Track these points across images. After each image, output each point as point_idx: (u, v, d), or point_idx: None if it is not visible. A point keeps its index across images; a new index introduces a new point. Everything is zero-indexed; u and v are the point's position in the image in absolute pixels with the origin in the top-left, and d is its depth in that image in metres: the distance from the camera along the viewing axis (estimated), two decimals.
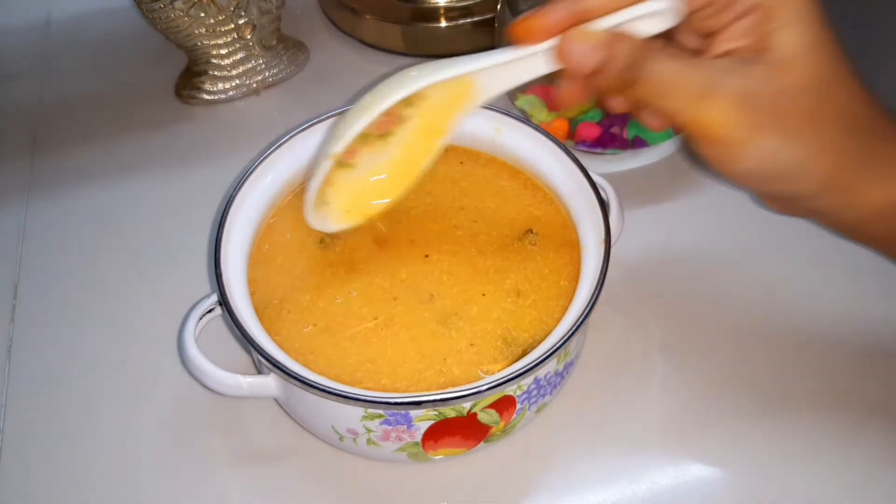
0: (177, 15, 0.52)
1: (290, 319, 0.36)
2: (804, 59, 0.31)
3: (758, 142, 0.31)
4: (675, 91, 0.31)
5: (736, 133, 0.30)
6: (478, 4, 0.57)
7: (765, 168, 0.31)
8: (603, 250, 0.36)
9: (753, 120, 0.30)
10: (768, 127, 0.31)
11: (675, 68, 0.31)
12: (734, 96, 0.30)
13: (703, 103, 0.30)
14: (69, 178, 0.52)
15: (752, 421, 0.39)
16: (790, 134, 0.31)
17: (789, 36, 0.31)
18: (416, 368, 0.35)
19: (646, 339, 0.42)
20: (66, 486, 0.38)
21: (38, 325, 0.44)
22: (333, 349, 0.35)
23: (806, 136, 0.31)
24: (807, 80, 0.31)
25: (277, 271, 0.38)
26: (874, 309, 0.43)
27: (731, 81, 0.30)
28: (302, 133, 0.41)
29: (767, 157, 0.31)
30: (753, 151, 0.31)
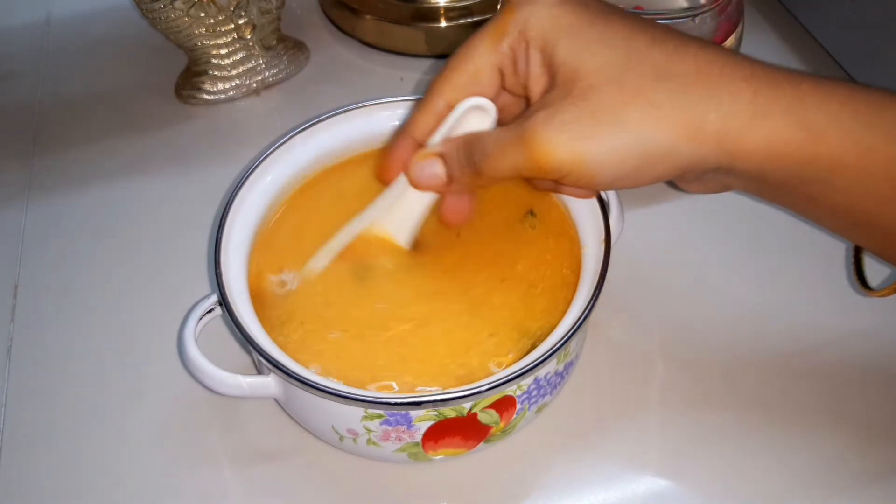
0: (177, 15, 0.52)
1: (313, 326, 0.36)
2: (587, 59, 0.31)
3: (595, 149, 0.30)
4: (505, 153, 0.32)
5: (564, 154, 0.31)
6: (478, 4, 0.57)
7: (619, 166, 0.31)
8: (603, 250, 0.36)
9: (575, 132, 0.31)
10: (593, 132, 0.31)
11: (496, 137, 0.33)
12: (544, 123, 0.31)
13: (527, 148, 0.31)
14: (69, 178, 0.52)
15: (753, 421, 0.39)
16: (617, 123, 0.30)
17: (564, 48, 0.32)
18: (442, 363, 0.35)
19: (646, 339, 0.42)
20: (66, 486, 0.38)
21: (38, 325, 0.44)
22: (363, 352, 0.35)
23: (633, 116, 0.30)
24: (600, 72, 0.31)
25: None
26: (875, 309, 0.43)
27: (538, 114, 0.31)
28: (302, 133, 0.41)
29: (612, 156, 0.31)
30: (594, 159, 0.31)
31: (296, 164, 0.41)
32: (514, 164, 0.32)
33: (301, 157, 0.41)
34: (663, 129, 0.30)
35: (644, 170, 0.31)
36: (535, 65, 0.33)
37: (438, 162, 0.35)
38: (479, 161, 0.33)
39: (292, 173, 0.41)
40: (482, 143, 0.33)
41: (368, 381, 0.34)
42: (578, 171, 0.31)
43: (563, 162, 0.31)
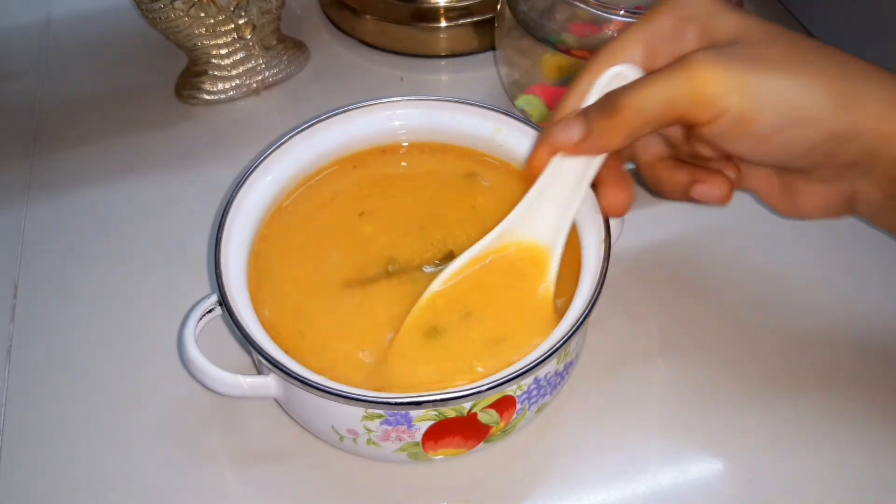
0: (177, 15, 0.52)
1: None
2: (747, 28, 0.31)
3: (758, 82, 0.30)
4: (653, 83, 0.31)
5: (732, 80, 0.30)
6: (478, 4, 0.57)
7: (783, 113, 0.30)
8: (603, 250, 0.36)
9: (740, 64, 0.30)
10: (759, 68, 0.30)
11: (640, 79, 0.32)
12: (709, 52, 0.30)
13: (684, 73, 0.30)
14: (69, 178, 0.52)
15: (753, 420, 0.39)
16: (784, 71, 0.30)
17: (721, 23, 0.32)
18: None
19: (646, 338, 0.42)
20: (66, 486, 0.38)
21: (38, 325, 0.44)
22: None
23: (801, 71, 0.30)
24: (765, 34, 0.31)
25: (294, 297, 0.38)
26: (874, 306, 0.43)
27: (702, 50, 0.31)
28: (302, 133, 0.41)
29: (778, 98, 0.30)
30: (761, 94, 0.30)
31: (296, 164, 0.41)
32: (665, 93, 0.30)
33: (301, 157, 0.41)
34: (826, 91, 0.30)
35: (802, 129, 0.30)
36: (692, 36, 0.32)
37: (577, 119, 0.33)
38: (618, 98, 0.31)
39: (292, 173, 0.41)
40: (621, 89, 0.32)
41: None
42: (739, 110, 0.30)
43: (728, 89, 0.29)
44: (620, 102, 0.31)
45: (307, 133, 0.41)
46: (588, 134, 0.33)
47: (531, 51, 0.49)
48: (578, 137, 0.33)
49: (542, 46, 0.48)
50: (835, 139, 0.31)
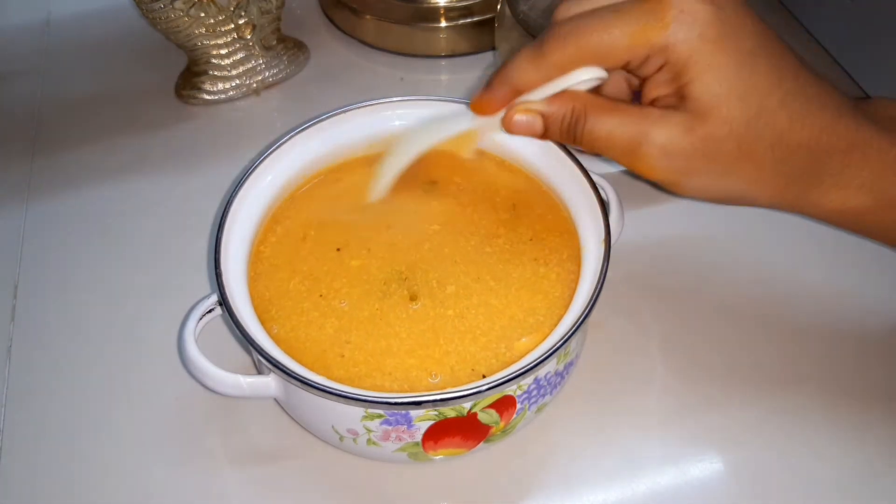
0: (177, 15, 0.52)
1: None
2: (720, 108, 0.32)
3: (692, 181, 0.34)
4: (611, 146, 0.34)
5: (669, 177, 0.34)
6: (478, 4, 0.57)
7: (707, 196, 0.35)
8: (603, 250, 0.36)
9: (682, 166, 0.33)
10: (697, 171, 0.34)
11: (607, 127, 0.34)
12: (660, 149, 0.33)
13: (634, 156, 0.34)
14: (69, 178, 0.52)
15: (753, 420, 0.39)
16: (722, 172, 0.34)
17: (703, 86, 0.32)
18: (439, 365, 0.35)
19: (646, 338, 0.42)
20: (66, 486, 0.38)
21: (38, 325, 0.44)
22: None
23: (737, 172, 0.34)
24: (726, 126, 0.33)
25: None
26: (875, 306, 0.43)
27: (656, 133, 0.33)
28: (302, 133, 0.41)
29: (706, 190, 0.35)
30: (690, 188, 0.35)
31: (296, 164, 0.41)
32: (616, 156, 0.35)
33: (301, 157, 0.41)
34: (757, 189, 0.34)
35: (721, 201, 0.36)
36: (666, 77, 0.33)
37: (539, 120, 0.35)
38: (583, 138, 0.35)
39: (292, 173, 0.41)
40: (592, 125, 0.34)
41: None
42: (669, 187, 0.35)
43: (663, 181, 0.35)
44: (581, 139, 0.35)
45: (307, 133, 0.41)
46: (544, 137, 0.36)
47: None
48: (534, 134, 0.36)
49: None
50: (751, 206, 0.36)
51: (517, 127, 0.36)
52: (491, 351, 0.35)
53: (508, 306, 0.37)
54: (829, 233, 0.46)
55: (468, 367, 0.35)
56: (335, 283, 0.38)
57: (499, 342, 0.35)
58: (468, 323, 0.36)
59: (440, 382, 0.34)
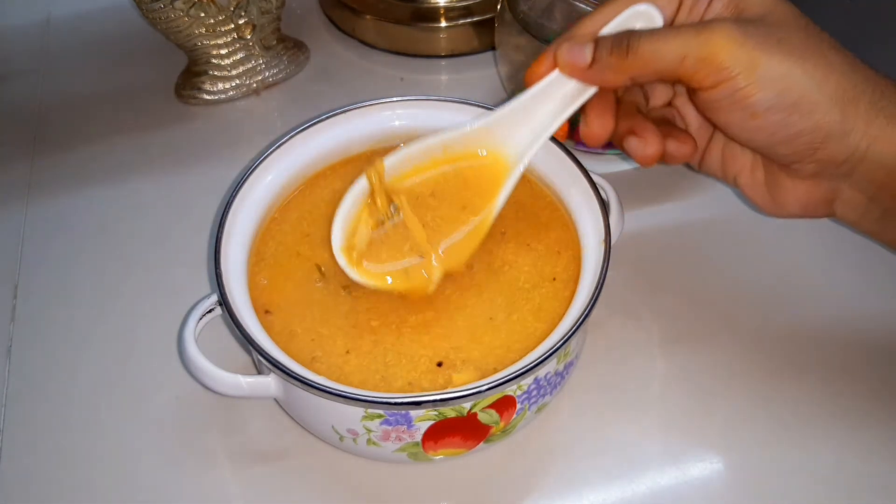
0: (177, 15, 0.52)
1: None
2: (776, 7, 0.32)
3: (766, 62, 0.31)
4: (672, 37, 0.32)
5: (742, 54, 0.31)
6: (478, 4, 0.57)
7: (779, 95, 0.31)
8: (603, 250, 0.36)
9: (755, 41, 0.31)
10: (772, 49, 0.31)
11: (663, 33, 0.32)
12: (731, 23, 0.31)
13: (702, 35, 0.31)
14: (69, 178, 0.52)
15: (753, 420, 0.39)
16: (795, 57, 0.31)
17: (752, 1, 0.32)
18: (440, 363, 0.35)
19: (646, 338, 0.42)
20: (66, 486, 0.38)
21: (38, 325, 0.44)
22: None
23: (809, 61, 0.31)
24: (790, 20, 0.32)
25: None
26: (874, 306, 0.43)
27: (724, 19, 0.32)
28: (302, 133, 0.41)
29: (779, 80, 0.31)
30: (765, 73, 0.31)
31: (296, 164, 0.41)
32: (680, 49, 0.31)
33: (301, 157, 0.41)
34: (829, 85, 0.31)
35: (792, 114, 0.32)
36: (720, 3, 0.33)
37: (589, 45, 0.33)
38: (636, 40, 0.32)
39: (292, 173, 0.41)
40: (644, 31, 0.33)
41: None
42: (742, 80, 0.31)
43: (737, 61, 0.31)
44: (636, 45, 0.32)
45: (307, 133, 0.41)
46: (595, 63, 0.33)
47: (531, 50, 0.49)
48: (585, 63, 0.33)
49: (542, 46, 0.48)
50: (822, 131, 0.32)
51: (566, 56, 0.33)
52: (491, 350, 0.35)
53: (509, 306, 0.37)
54: (830, 233, 0.46)
55: (468, 367, 0.35)
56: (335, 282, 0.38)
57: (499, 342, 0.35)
58: (469, 323, 0.36)
59: (441, 382, 0.34)
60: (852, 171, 0.33)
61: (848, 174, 0.33)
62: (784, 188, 0.35)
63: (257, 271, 0.38)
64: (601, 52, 0.33)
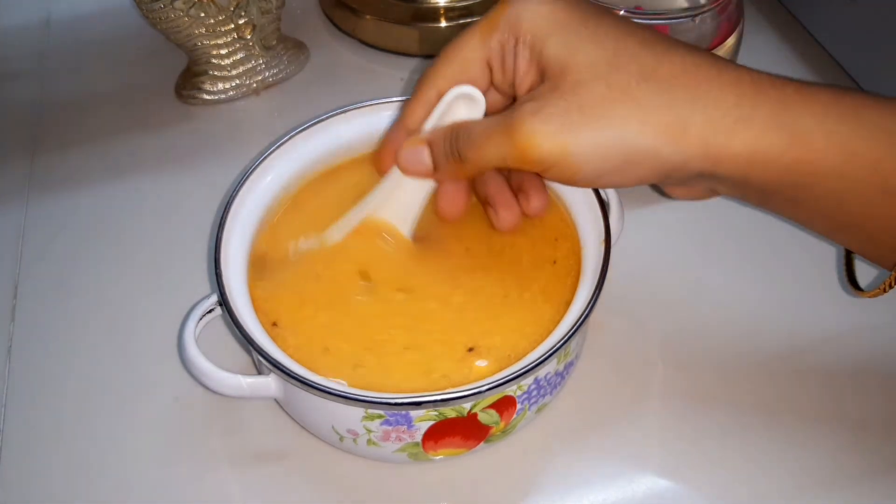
0: (177, 15, 0.52)
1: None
2: (577, 55, 0.32)
3: (575, 142, 0.31)
4: (488, 140, 0.33)
5: (551, 145, 0.31)
6: (478, 4, 0.57)
7: (603, 161, 0.31)
8: (603, 250, 0.36)
9: (557, 126, 0.31)
10: (576, 124, 0.31)
11: (481, 125, 0.34)
12: (530, 116, 0.31)
13: (510, 138, 0.32)
14: (69, 178, 0.52)
15: (753, 420, 0.39)
16: (603, 121, 0.31)
17: (554, 44, 0.32)
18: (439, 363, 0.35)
19: (646, 339, 0.42)
20: (66, 486, 0.38)
21: (38, 325, 0.44)
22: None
23: (619, 114, 0.31)
24: (589, 69, 0.31)
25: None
26: (876, 311, 0.43)
27: (526, 104, 0.32)
28: (302, 133, 0.41)
29: (596, 150, 0.31)
30: (579, 152, 0.31)
31: (296, 164, 0.41)
32: (498, 153, 0.33)
33: (301, 157, 0.41)
34: (648, 129, 0.30)
35: (627, 169, 0.31)
36: (524, 61, 0.33)
37: (425, 149, 0.36)
38: (463, 149, 0.34)
39: (292, 173, 0.41)
40: (468, 131, 0.34)
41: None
42: (562, 164, 0.31)
43: (548, 153, 0.31)
44: (464, 153, 0.34)
45: (307, 133, 0.41)
46: (436, 168, 0.36)
47: None
48: (426, 169, 0.36)
49: None
50: (663, 169, 0.31)
51: (408, 164, 0.36)
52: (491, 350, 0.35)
53: (509, 306, 0.37)
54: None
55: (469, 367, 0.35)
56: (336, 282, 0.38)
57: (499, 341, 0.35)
58: (469, 322, 0.36)
59: (442, 382, 0.34)
60: (712, 177, 0.32)
61: (710, 178, 0.32)
62: (667, 191, 0.36)
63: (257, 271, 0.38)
64: (438, 159, 0.35)
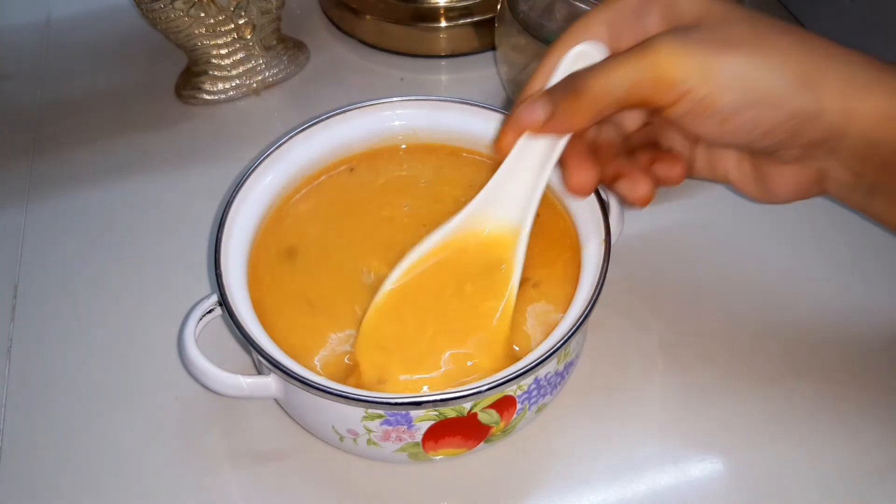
0: (177, 15, 0.52)
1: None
2: (710, 8, 0.32)
3: (718, 65, 0.30)
4: (615, 67, 0.31)
5: (692, 64, 0.30)
6: (478, 4, 0.57)
7: (743, 94, 0.30)
8: (603, 250, 0.36)
9: (701, 47, 0.30)
10: (720, 50, 0.30)
11: (608, 64, 0.32)
12: (671, 36, 0.30)
13: (646, 58, 0.30)
14: (69, 178, 0.52)
15: (753, 420, 0.39)
16: (746, 52, 0.30)
17: (684, 6, 0.32)
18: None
19: (646, 338, 0.42)
20: (66, 486, 0.38)
21: (38, 325, 0.44)
22: None
23: (762, 52, 0.30)
24: (730, 15, 0.31)
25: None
26: (875, 304, 0.43)
27: (663, 34, 0.31)
28: (302, 133, 0.41)
29: (738, 79, 0.30)
30: (721, 76, 0.30)
31: (296, 164, 0.41)
32: (627, 78, 0.31)
33: (301, 157, 0.41)
34: (788, 72, 0.30)
35: (762, 111, 0.31)
36: (655, 17, 0.32)
37: (540, 99, 0.33)
38: (582, 80, 0.32)
39: (292, 173, 0.41)
40: (588, 69, 0.32)
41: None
42: (700, 90, 0.30)
43: (690, 73, 0.30)
44: (584, 84, 0.32)
45: (307, 133, 0.41)
46: (552, 114, 0.33)
47: (531, 50, 0.49)
48: (543, 118, 0.33)
49: (542, 46, 0.48)
50: (797, 118, 0.31)
51: (523, 117, 0.34)
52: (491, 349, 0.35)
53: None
54: (830, 232, 0.46)
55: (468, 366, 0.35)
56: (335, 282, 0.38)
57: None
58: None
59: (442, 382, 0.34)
60: (836, 149, 0.32)
61: (832, 152, 0.32)
62: (772, 176, 0.35)
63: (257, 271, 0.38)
64: (554, 102, 0.33)
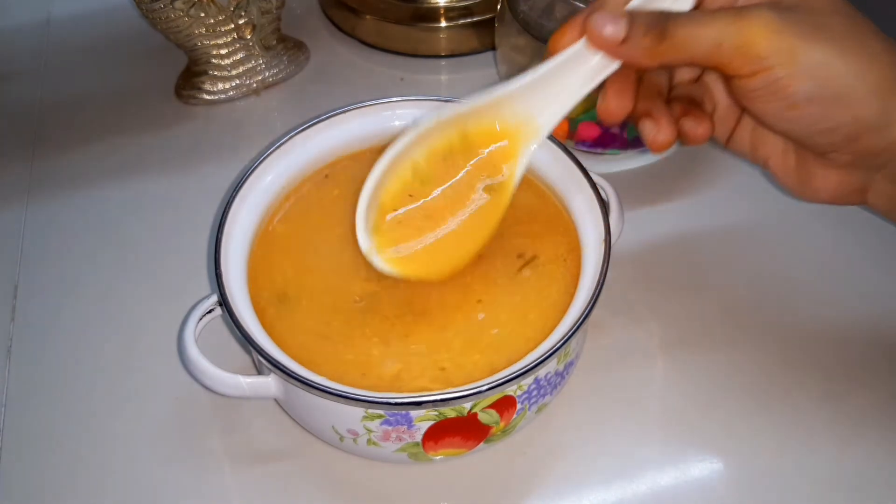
0: (177, 15, 0.52)
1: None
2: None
3: (806, 51, 0.30)
4: (708, 22, 0.30)
5: (781, 43, 0.30)
6: (478, 4, 0.57)
7: (819, 86, 0.30)
8: (603, 250, 0.36)
9: (795, 29, 0.30)
10: (812, 36, 0.30)
11: (701, 16, 0.31)
12: (770, 10, 0.30)
13: (740, 22, 0.30)
14: (69, 178, 0.52)
15: (754, 420, 0.39)
16: (835, 45, 0.30)
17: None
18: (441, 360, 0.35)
19: (646, 338, 0.42)
20: (66, 487, 0.38)
21: (38, 325, 0.44)
22: None
23: (850, 49, 0.30)
24: (831, 5, 0.31)
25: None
26: (876, 304, 0.43)
27: (761, 5, 0.31)
28: (302, 133, 0.41)
29: (819, 70, 0.30)
30: (805, 62, 0.30)
31: (296, 164, 0.41)
32: (716, 36, 0.30)
33: (301, 157, 0.41)
34: (871, 76, 0.30)
35: (833, 106, 0.31)
36: None
37: (623, 19, 0.31)
38: (672, 25, 0.31)
39: (292, 173, 0.41)
40: (680, 15, 0.31)
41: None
42: (779, 70, 0.30)
43: (776, 50, 0.30)
44: (672, 31, 0.31)
45: (307, 133, 0.41)
46: (628, 41, 0.31)
47: (531, 50, 0.49)
48: (618, 38, 0.31)
49: (542, 46, 0.48)
50: (861, 124, 0.31)
51: (596, 28, 0.31)
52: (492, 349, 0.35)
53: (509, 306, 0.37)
54: (830, 232, 0.46)
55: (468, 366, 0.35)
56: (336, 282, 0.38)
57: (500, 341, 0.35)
58: (469, 322, 0.36)
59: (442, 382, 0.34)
60: (888, 163, 0.32)
61: (883, 165, 0.32)
62: (816, 175, 0.35)
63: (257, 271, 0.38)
64: (636, 31, 0.31)
